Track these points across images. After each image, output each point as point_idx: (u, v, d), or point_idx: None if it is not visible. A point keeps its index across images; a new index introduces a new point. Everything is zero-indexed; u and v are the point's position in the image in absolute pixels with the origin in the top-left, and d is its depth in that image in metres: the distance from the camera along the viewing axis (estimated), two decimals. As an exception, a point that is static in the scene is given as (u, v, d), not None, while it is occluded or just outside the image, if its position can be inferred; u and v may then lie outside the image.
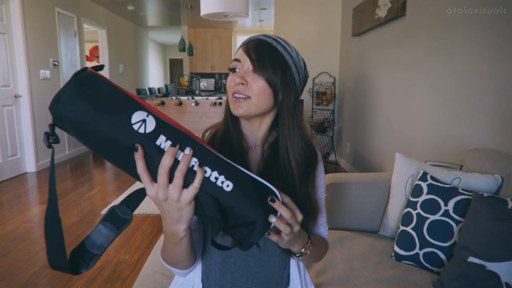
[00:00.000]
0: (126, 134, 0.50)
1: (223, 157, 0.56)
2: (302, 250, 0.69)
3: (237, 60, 0.76)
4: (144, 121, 0.51)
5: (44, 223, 0.52)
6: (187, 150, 0.51)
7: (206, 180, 0.53)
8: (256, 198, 0.55)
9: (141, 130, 0.50)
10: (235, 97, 0.74)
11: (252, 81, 0.73)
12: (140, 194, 0.57)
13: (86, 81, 0.51)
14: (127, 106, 0.51)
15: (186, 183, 0.52)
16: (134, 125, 0.50)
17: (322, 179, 0.85)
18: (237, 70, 0.76)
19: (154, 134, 0.51)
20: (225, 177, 0.54)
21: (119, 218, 0.56)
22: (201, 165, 0.52)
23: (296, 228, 0.59)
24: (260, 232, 0.56)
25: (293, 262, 0.83)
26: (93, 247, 0.55)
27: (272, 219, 0.55)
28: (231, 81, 0.75)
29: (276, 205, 0.56)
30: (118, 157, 0.52)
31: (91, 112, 0.50)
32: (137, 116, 0.51)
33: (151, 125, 0.51)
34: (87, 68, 0.53)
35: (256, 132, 0.80)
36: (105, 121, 0.50)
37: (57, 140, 0.52)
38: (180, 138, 0.52)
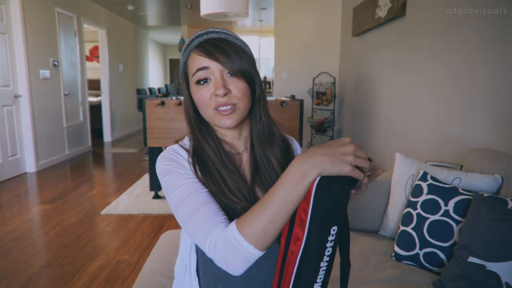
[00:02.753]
0: None
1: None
2: None
3: (204, 68, 0.69)
4: None
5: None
6: None
7: None
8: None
9: None
10: (220, 110, 0.69)
11: (233, 86, 0.69)
12: None
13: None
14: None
15: None
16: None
17: None
18: (209, 80, 0.69)
19: None
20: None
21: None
22: None
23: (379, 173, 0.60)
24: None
25: None
26: None
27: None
28: (206, 94, 0.69)
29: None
30: None
31: None
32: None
33: None
34: None
35: (238, 138, 0.78)
36: None
37: None
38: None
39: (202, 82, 0.70)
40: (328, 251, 0.58)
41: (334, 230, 0.57)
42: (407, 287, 1.16)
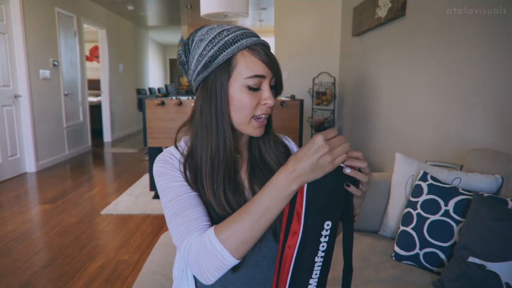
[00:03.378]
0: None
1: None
2: (357, 214, 0.71)
3: (262, 76, 0.68)
4: None
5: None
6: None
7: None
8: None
9: None
10: (260, 117, 0.70)
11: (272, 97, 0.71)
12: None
13: None
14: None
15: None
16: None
17: None
18: (260, 88, 0.69)
19: None
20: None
21: None
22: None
23: (371, 176, 0.61)
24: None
25: None
26: None
27: (347, 170, 0.57)
28: (255, 101, 0.68)
29: (353, 173, 0.58)
30: None
31: None
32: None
33: None
34: None
35: (239, 138, 0.79)
36: None
37: None
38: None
39: (255, 89, 0.68)
40: (323, 246, 0.59)
41: (328, 225, 0.58)
42: (407, 287, 1.16)
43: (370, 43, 3.38)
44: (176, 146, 0.77)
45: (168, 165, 0.72)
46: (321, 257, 0.60)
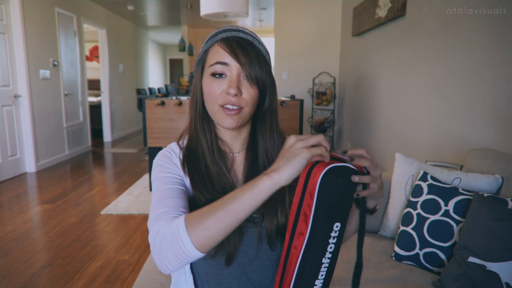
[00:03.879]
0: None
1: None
2: (377, 205, 0.69)
3: (223, 63, 0.69)
4: None
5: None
6: None
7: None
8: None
9: None
10: (226, 107, 0.69)
11: (245, 90, 0.69)
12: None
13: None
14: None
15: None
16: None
17: None
18: (224, 75, 0.69)
19: None
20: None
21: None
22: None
23: (380, 170, 0.60)
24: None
25: None
26: None
27: (355, 179, 0.56)
28: (218, 89, 0.69)
29: (361, 178, 0.57)
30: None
31: None
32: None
33: None
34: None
35: (235, 138, 0.79)
36: None
37: None
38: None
39: (217, 76, 0.70)
40: (331, 248, 0.59)
41: (337, 226, 0.58)
42: (407, 287, 1.16)
43: (370, 43, 3.38)
44: (178, 143, 0.79)
45: (165, 158, 0.76)
46: (328, 258, 0.60)
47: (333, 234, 0.58)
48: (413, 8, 2.47)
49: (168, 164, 0.74)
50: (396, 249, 1.33)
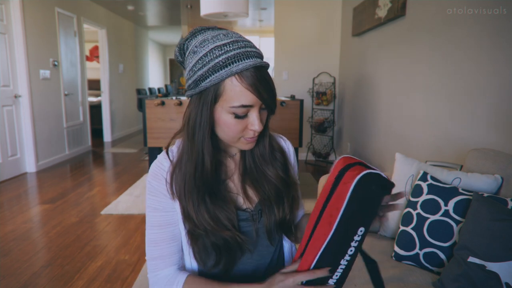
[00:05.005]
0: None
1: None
2: None
3: (249, 106, 0.65)
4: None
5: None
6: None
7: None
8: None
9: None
10: (248, 138, 0.70)
11: (262, 118, 0.70)
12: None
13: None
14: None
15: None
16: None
17: (295, 166, 0.87)
18: (246, 115, 0.67)
19: None
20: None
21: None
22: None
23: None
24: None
25: (287, 254, 0.84)
26: None
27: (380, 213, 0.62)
28: (240, 126, 0.67)
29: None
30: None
31: None
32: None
33: None
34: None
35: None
36: None
37: None
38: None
39: (240, 117, 0.66)
40: (351, 250, 0.60)
41: (361, 231, 0.59)
42: (407, 287, 1.16)
43: (370, 43, 3.38)
44: (167, 152, 0.76)
45: (158, 184, 0.74)
46: (347, 260, 0.61)
47: (356, 237, 0.59)
48: (413, 8, 2.47)
49: (159, 195, 0.73)
50: (396, 249, 1.33)
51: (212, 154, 0.71)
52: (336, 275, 0.62)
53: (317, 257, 0.59)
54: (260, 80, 0.64)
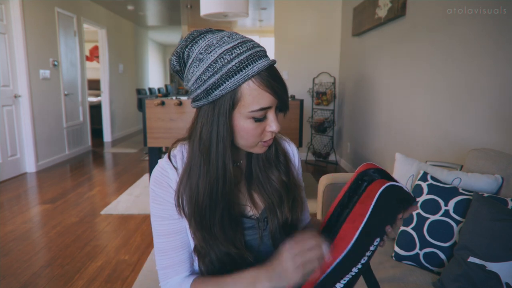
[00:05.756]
0: None
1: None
2: None
3: (268, 108, 0.64)
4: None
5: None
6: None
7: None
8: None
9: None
10: (265, 141, 0.69)
11: (278, 119, 0.69)
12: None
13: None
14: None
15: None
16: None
17: (299, 169, 0.87)
18: (265, 117, 0.66)
19: None
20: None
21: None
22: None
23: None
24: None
25: None
26: None
27: (388, 229, 0.62)
28: (259, 130, 0.66)
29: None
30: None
31: None
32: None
33: None
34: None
35: (238, 149, 0.76)
36: None
37: None
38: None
39: (259, 120, 0.65)
40: (364, 259, 0.60)
41: (377, 241, 0.60)
42: (407, 287, 1.16)
43: (370, 43, 3.38)
44: (170, 158, 0.72)
45: (163, 191, 0.70)
46: (358, 268, 0.61)
47: (371, 247, 0.59)
48: (413, 8, 2.47)
49: (165, 202, 0.70)
50: (396, 249, 1.33)
51: (232, 165, 0.68)
52: (345, 280, 0.61)
53: (336, 263, 0.58)
54: (275, 79, 0.63)
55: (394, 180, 0.59)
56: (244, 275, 0.63)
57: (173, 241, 0.71)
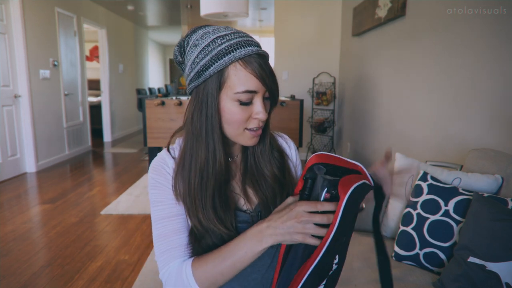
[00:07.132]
0: None
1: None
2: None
3: (254, 92, 0.66)
4: None
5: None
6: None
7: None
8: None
9: None
10: (252, 129, 0.69)
11: (266, 108, 0.70)
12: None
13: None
14: None
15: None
16: None
17: (298, 166, 0.87)
18: (251, 102, 0.67)
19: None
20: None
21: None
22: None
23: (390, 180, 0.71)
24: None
25: None
26: None
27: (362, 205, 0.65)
28: (245, 115, 0.67)
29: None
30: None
31: None
32: None
33: None
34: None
35: (233, 143, 0.77)
36: None
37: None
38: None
39: (245, 104, 0.67)
40: (336, 259, 0.63)
41: (343, 239, 0.62)
42: (407, 287, 1.16)
43: (370, 43, 3.38)
44: (168, 149, 0.76)
45: (161, 177, 0.73)
46: (333, 269, 0.63)
47: (340, 247, 0.61)
48: (413, 8, 2.47)
49: (165, 188, 0.72)
50: (396, 249, 1.33)
51: (224, 145, 0.70)
52: (324, 282, 0.63)
53: (312, 268, 0.58)
54: (262, 67, 0.65)
55: (339, 163, 0.60)
56: (238, 240, 0.65)
57: (171, 224, 0.71)
